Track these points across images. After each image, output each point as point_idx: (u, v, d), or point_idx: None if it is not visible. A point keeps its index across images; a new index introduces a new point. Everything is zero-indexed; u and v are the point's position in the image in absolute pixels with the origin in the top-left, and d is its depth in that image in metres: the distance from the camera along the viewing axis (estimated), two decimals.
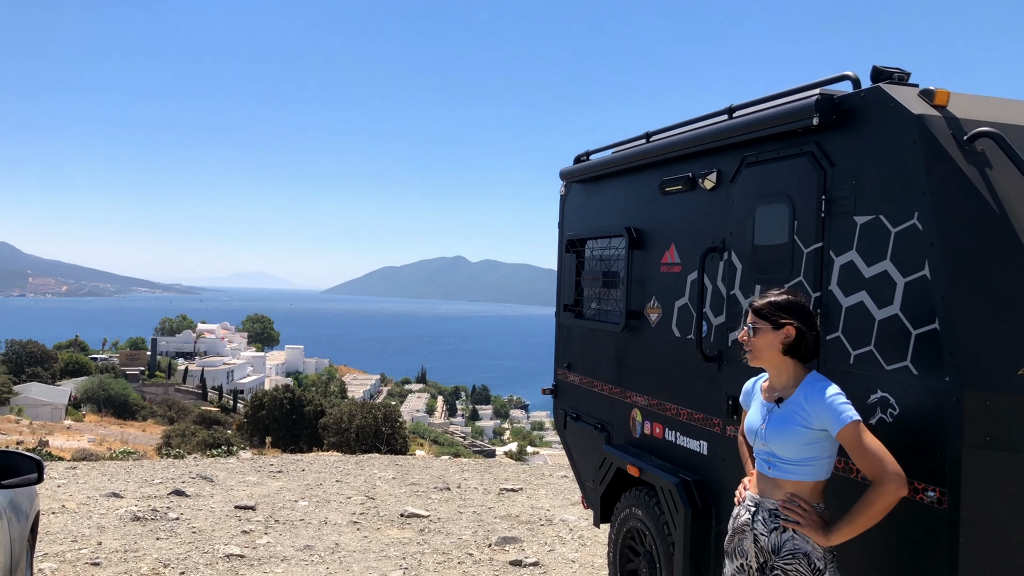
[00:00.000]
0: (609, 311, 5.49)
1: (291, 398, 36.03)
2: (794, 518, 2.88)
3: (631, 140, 5.31)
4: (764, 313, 3.04)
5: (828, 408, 2.84)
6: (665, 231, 4.79)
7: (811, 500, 2.92)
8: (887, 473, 2.72)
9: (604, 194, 5.66)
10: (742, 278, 4.05)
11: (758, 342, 3.04)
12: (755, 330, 3.04)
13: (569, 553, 6.96)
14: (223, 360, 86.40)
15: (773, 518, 2.95)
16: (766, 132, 3.84)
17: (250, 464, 11.38)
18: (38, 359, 64.74)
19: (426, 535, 7.46)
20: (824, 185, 3.50)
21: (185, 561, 6.28)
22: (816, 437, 2.89)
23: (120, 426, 47.05)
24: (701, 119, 4.58)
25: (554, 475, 11.28)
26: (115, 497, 8.50)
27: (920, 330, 2.95)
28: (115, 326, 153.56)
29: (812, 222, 3.56)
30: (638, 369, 5.05)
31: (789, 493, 2.93)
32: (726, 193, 4.22)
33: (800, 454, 2.92)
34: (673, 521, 4.38)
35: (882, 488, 2.72)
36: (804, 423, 2.90)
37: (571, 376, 6.09)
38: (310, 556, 6.62)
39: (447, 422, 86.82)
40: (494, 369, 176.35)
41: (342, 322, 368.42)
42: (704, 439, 4.32)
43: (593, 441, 5.59)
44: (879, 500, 2.72)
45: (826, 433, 2.87)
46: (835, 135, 3.49)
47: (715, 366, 4.23)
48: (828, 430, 2.85)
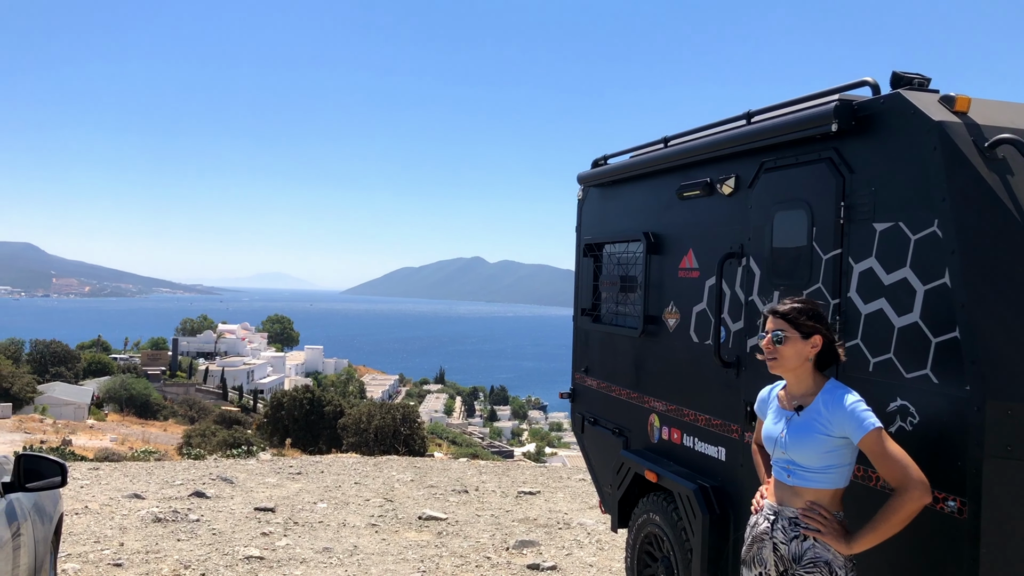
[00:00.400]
0: (627, 316, 5.48)
1: (310, 398, 36.18)
2: (815, 526, 2.87)
3: (649, 145, 5.31)
4: (794, 320, 2.98)
5: (850, 416, 2.82)
6: (683, 236, 4.78)
7: (831, 508, 2.91)
8: (911, 480, 2.71)
9: (622, 198, 5.65)
10: (760, 284, 4.03)
11: (786, 350, 2.98)
12: (784, 338, 2.99)
13: (587, 557, 6.96)
14: (243, 360, 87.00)
15: (793, 526, 2.93)
16: (785, 138, 3.83)
17: (269, 466, 11.46)
18: (62, 359, 65.49)
19: (444, 538, 7.48)
20: (843, 191, 3.48)
21: (205, 563, 6.34)
22: (837, 445, 2.88)
23: (141, 426, 47.50)
24: (719, 124, 4.57)
25: (572, 478, 11.28)
26: (137, 498, 8.59)
27: (940, 338, 2.92)
28: (137, 326, 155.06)
29: (831, 228, 3.54)
30: (656, 374, 5.04)
31: (809, 501, 2.92)
32: (744, 199, 4.20)
33: (820, 462, 2.90)
34: (691, 527, 4.37)
35: (906, 495, 2.70)
36: (825, 431, 2.88)
37: (589, 380, 6.09)
38: (329, 558, 6.66)
39: (465, 423, 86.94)
40: (512, 370, 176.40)
41: (361, 322, 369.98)
42: (722, 445, 4.31)
43: (611, 446, 5.59)
44: (903, 508, 2.70)
45: (846, 441, 2.86)
46: (854, 141, 3.47)
47: (733, 372, 4.22)
48: (849, 438, 2.84)
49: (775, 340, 3.00)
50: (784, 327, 2.99)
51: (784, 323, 2.99)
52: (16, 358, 58.16)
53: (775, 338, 3.00)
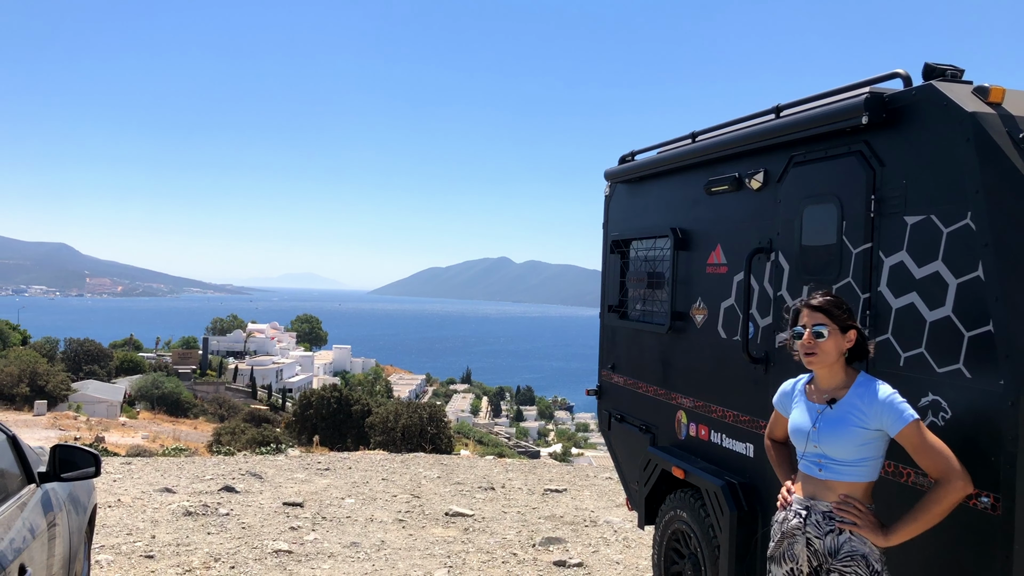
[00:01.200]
0: (654, 312, 5.46)
1: (338, 397, 36.42)
2: (850, 519, 2.84)
3: (676, 140, 5.28)
4: (832, 314, 2.96)
5: (888, 408, 2.80)
6: (711, 232, 4.76)
7: (863, 501, 2.88)
8: (954, 471, 2.69)
9: (649, 195, 5.63)
10: (789, 279, 4.00)
11: (826, 345, 2.94)
12: (825, 332, 2.95)
13: (613, 555, 6.95)
14: (272, 359, 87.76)
15: (828, 521, 2.90)
16: (814, 131, 3.79)
17: (298, 462, 11.57)
18: (95, 357, 66.48)
19: (470, 534, 7.51)
20: (873, 185, 3.45)
21: (235, 556, 6.42)
22: (871, 437, 2.86)
23: (172, 423, 48.12)
24: (747, 119, 4.54)
25: (599, 476, 11.26)
26: (168, 492, 8.72)
27: (973, 332, 2.88)
28: (168, 326, 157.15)
29: (861, 222, 3.50)
30: (683, 371, 5.02)
31: (842, 495, 2.89)
32: (773, 193, 4.17)
33: (854, 455, 2.88)
34: (719, 523, 4.34)
35: (949, 486, 2.68)
36: (861, 423, 2.86)
37: (615, 377, 6.08)
38: (356, 553, 6.71)
39: (491, 423, 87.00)
40: (539, 370, 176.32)
41: (389, 322, 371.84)
42: (750, 441, 4.28)
43: (638, 442, 5.57)
44: (946, 498, 2.68)
45: (881, 433, 2.84)
46: (885, 134, 3.43)
47: (761, 368, 4.19)
48: (885, 430, 2.82)
49: (816, 335, 2.96)
50: (824, 321, 2.95)
51: (824, 317, 2.96)
52: (51, 356, 59.16)
53: (816, 332, 2.96)
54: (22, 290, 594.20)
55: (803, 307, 3.04)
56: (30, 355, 52.20)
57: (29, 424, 35.31)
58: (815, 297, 3.04)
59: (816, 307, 2.98)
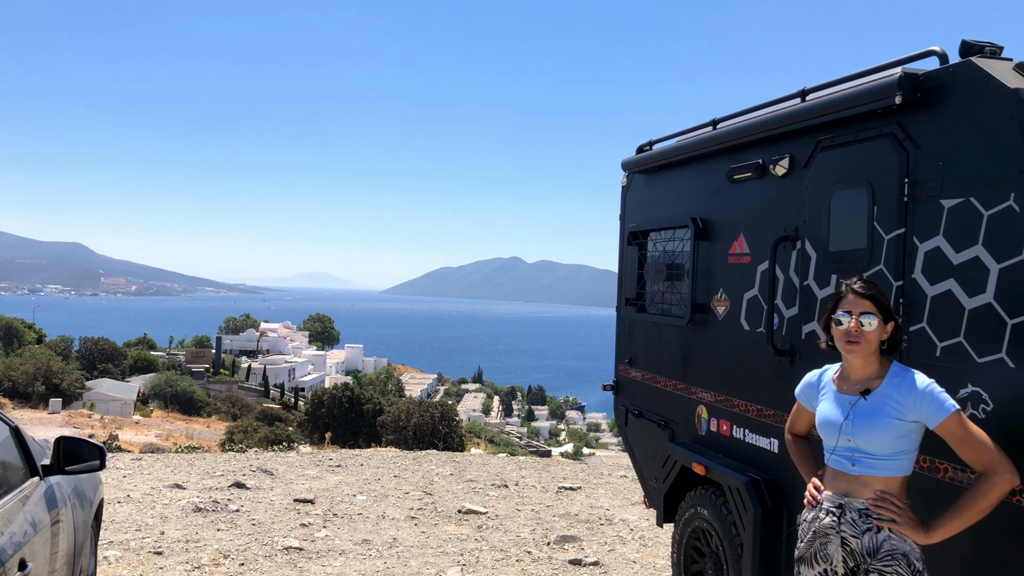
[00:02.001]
0: (673, 304, 5.33)
1: (350, 396, 36.42)
2: (888, 516, 2.70)
3: (696, 128, 5.14)
4: (881, 304, 2.82)
5: (927, 397, 2.66)
6: (733, 221, 4.62)
7: (900, 496, 2.74)
8: (1000, 462, 2.55)
9: (668, 184, 5.50)
10: (817, 268, 3.86)
11: (872, 335, 2.79)
12: (874, 322, 2.79)
13: (630, 553, 6.80)
14: (285, 358, 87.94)
15: (864, 518, 2.75)
16: (843, 114, 3.66)
17: (309, 458, 11.48)
18: (109, 356, 66.78)
19: (484, 532, 7.38)
20: (907, 168, 3.31)
21: (245, 552, 6.32)
22: (908, 429, 2.72)
23: (185, 422, 48.28)
24: (771, 104, 4.40)
25: (613, 474, 11.11)
26: (178, 488, 8.64)
27: (1017, 320, 2.74)
28: (181, 325, 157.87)
29: (893, 207, 3.36)
30: (704, 364, 4.88)
31: (878, 491, 2.74)
32: (799, 179, 4.03)
33: (891, 448, 2.74)
34: (742, 521, 4.21)
35: (996, 479, 2.54)
36: (897, 415, 2.72)
37: (633, 372, 5.94)
38: (368, 550, 6.60)
39: (503, 422, 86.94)
40: (550, 370, 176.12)
41: (400, 322, 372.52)
42: (775, 436, 4.14)
43: (656, 439, 5.43)
44: (992, 491, 2.55)
45: (918, 425, 2.70)
46: (919, 114, 3.29)
47: (787, 360, 4.05)
48: (923, 421, 2.68)
49: (864, 324, 2.80)
50: (871, 309, 2.80)
51: (871, 305, 2.81)
52: (66, 355, 59.47)
53: (863, 320, 2.80)
54: (38, 289, 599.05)
55: (849, 292, 2.86)
56: (45, 353, 52.50)
57: (44, 422, 35.48)
58: (861, 284, 2.87)
59: (864, 294, 2.82)
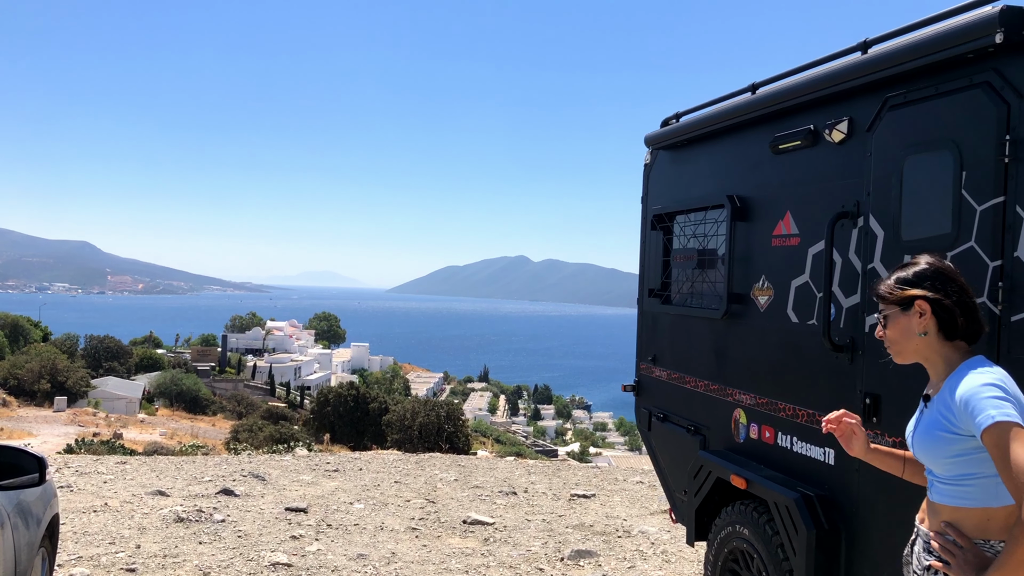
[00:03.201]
0: (705, 295, 4.73)
1: (356, 395, 36.13)
2: (946, 556, 2.14)
3: (731, 95, 4.53)
4: (887, 295, 2.31)
5: (963, 407, 2.08)
6: (778, 197, 4.03)
7: (974, 534, 2.14)
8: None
9: (699, 160, 4.90)
10: (884, 248, 3.27)
11: (892, 333, 2.31)
12: (885, 319, 2.32)
13: (652, 571, 6.19)
14: (291, 357, 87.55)
15: (927, 553, 2.24)
16: (919, 63, 3.08)
17: (305, 462, 10.90)
18: (115, 354, 66.42)
19: (491, 545, 6.79)
20: (1008, 123, 2.72)
21: (227, 569, 5.73)
22: (968, 447, 2.11)
23: (191, 420, 47.87)
24: (823, 61, 3.80)
25: (628, 480, 10.50)
26: (161, 495, 8.06)
27: None
28: (187, 323, 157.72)
29: (989, 171, 2.78)
30: (742, 362, 4.29)
31: (943, 522, 2.20)
32: (861, 145, 3.45)
33: (950, 470, 2.17)
34: (791, 544, 3.62)
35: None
36: (949, 427, 2.15)
37: (657, 371, 5.35)
38: (363, 567, 6.01)
39: (509, 421, 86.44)
40: (556, 369, 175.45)
41: (406, 321, 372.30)
42: (831, 446, 3.55)
43: (685, 446, 4.84)
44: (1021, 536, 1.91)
45: (979, 441, 2.09)
46: (1022, 58, 2.70)
47: (846, 357, 3.46)
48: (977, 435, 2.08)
49: (883, 323, 2.35)
50: (881, 307, 2.33)
51: (880, 303, 2.34)
52: (71, 353, 59.08)
53: (881, 321, 2.36)
54: (44, 287, 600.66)
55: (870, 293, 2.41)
56: (50, 351, 52.11)
57: (49, 420, 35.07)
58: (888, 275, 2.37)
59: (875, 292, 2.38)
